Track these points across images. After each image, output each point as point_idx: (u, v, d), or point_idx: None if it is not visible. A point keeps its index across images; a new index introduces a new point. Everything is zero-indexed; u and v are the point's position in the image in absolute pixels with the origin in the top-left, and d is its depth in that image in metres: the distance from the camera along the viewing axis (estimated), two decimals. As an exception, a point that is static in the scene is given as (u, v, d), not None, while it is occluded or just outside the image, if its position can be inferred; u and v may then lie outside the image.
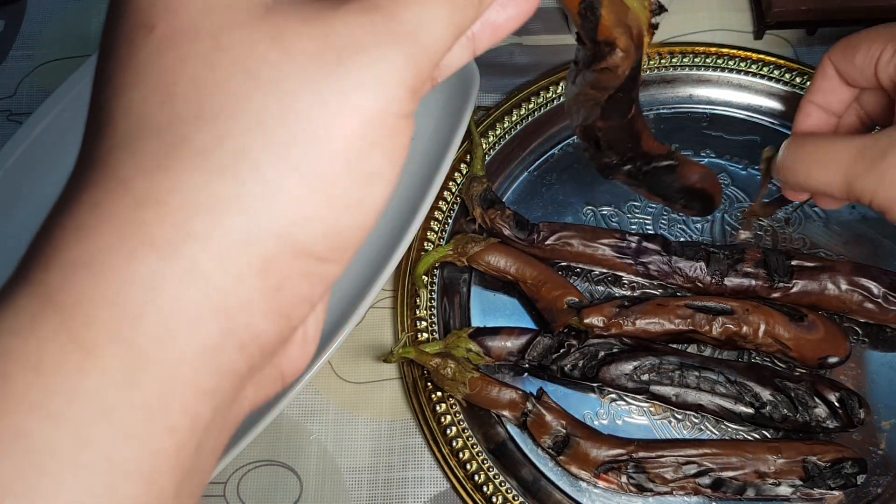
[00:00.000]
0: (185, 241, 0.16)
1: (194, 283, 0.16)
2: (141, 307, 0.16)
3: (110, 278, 0.16)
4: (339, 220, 0.18)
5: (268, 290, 0.17)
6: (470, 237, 0.49)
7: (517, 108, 0.55)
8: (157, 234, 0.16)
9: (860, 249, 0.50)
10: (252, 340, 0.18)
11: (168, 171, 0.17)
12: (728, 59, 0.55)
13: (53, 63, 0.62)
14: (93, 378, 0.16)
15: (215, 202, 0.16)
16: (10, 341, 0.16)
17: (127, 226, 0.16)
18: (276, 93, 0.17)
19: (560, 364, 0.46)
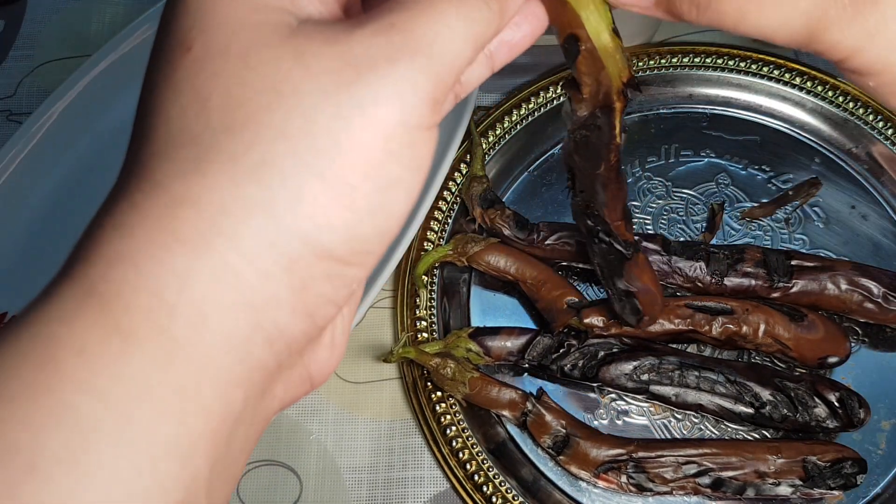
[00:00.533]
0: (216, 238, 0.18)
1: (224, 278, 0.18)
2: (175, 297, 0.17)
3: (147, 271, 0.18)
4: (360, 225, 0.19)
5: (293, 289, 0.19)
6: (470, 237, 0.49)
7: (517, 108, 0.55)
8: (190, 231, 0.18)
9: (860, 249, 0.50)
10: (279, 336, 0.19)
11: (200, 175, 0.18)
12: (728, 59, 0.55)
13: (53, 63, 0.62)
14: (133, 360, 0.17)
15: (243, 204, 0.18)
16: (56, 328, 0.17)
17: (161, 223, 0.18)
18: (298, 107, 0.18)
19: (560, 364, 0.46)
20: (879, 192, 0.52)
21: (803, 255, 0.47)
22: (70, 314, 0.17)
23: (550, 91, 0.55)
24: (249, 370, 0.19)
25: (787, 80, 0.54)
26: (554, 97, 0.55)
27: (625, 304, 0.42)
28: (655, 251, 0.47)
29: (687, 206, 0.52)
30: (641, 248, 0.40)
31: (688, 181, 0.53)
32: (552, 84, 0.55)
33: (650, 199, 0.53)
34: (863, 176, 0.52)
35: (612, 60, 0.26)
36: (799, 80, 0.54)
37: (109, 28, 0.64)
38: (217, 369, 0.18)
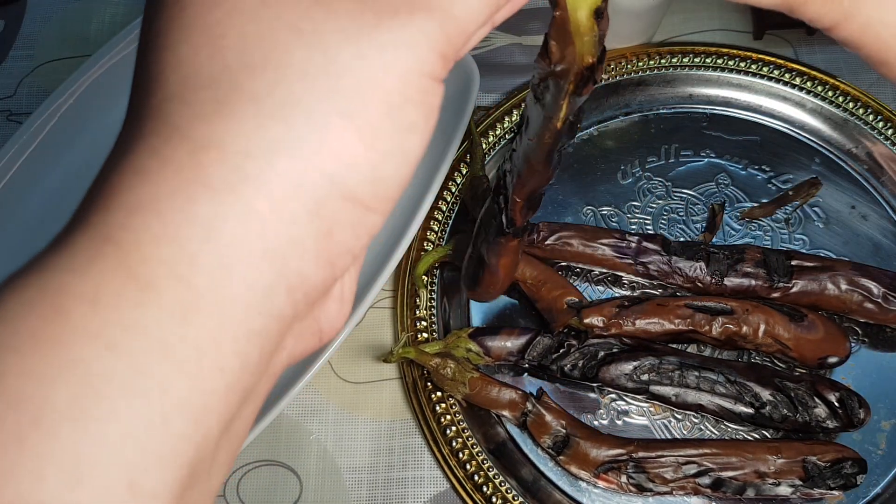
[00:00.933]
0: (243, 183, 0.17)
1: (250, 225, 0.17)
2: (198, 246, 0.17)
3: (170, 219, 0.17)
4: (382, 166, 0.19)
5: (318, 235, 0.18)
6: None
7: (517, 108, 0.55)
8: (216, 176, 0.17)
9: (860, 249, 0.50)
10: (300, 285, 0.18)
11: (223, 118, 0.17)
12: (728, 59, 0.55)
13: (53, 63, 0.62)
14: (149, 312, 0.16)
15: (270, 146, 0.17)
16: (67, 277, 0.16)
17: (185, 169, 0.17)
18: (319, 45, 0.18)
19: (560, 364, 0.46)
20: (879, 192, 0.52)
21: (803, 255, 0.47)
22: (84, 263, 0.16)
23: (550, 91, 0.55)
24: (268, 322, 0.18)
25: (787, 80, 0.54)
26: (554, 97, 0.55)
27: (471, 267, 0.42)
28: (655, 251, 0.47)
29: (687, 206, 0.52)
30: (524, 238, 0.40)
31: (688, 181, 0.53)
32: (552, 84, 0.55)
33: (650, 199, 0.53)
34: (863, 176, 0.52)
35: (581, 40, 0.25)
36: (799, 80, 0.54)
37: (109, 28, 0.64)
38: (237, 322, 0.17)
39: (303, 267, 0.18)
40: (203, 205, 0.17)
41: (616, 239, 0.48)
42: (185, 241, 0.17)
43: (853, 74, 0.56)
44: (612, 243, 0.48)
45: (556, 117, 0.29)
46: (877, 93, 0.55)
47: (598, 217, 0.52)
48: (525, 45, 0.59)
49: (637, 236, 0.48)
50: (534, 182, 0.35)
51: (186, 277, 0.17)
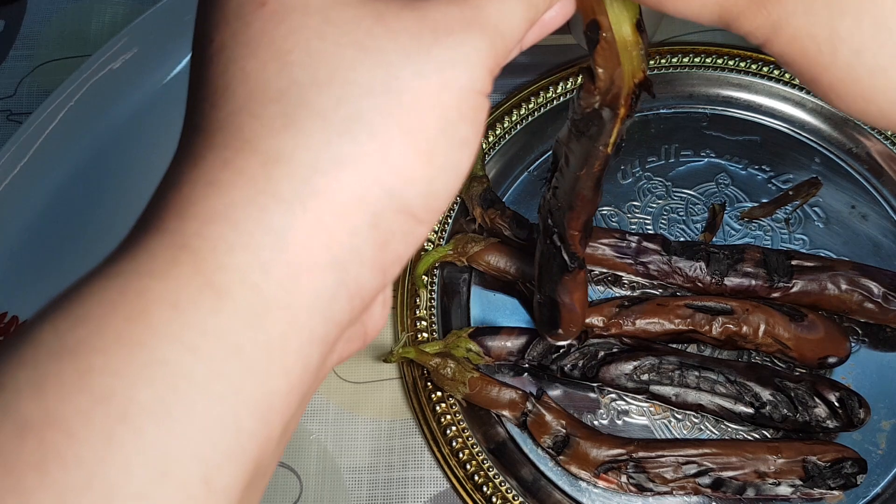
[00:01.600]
0: (312, 196, 0.18)
1: (317, 235, 0.18)
2: (270, 255, 0.18)
3: (244, 228, 0.18)
4: (435, 180, 0.20)
5: (376, 245, 0.19)
6: (470, 237, 0.49)
7: (517, 108, 0.55)
8: (287, 189, 0.18)
9: (860, 249, 0.50)
10: (358, 293, 0.19)
11: (292, 132, 0.18)
12: (728, 59, 0.55)
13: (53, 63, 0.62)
14: (224, 317, 0.17)
15: (336, 161, 0.18)
16: (149, 282, 0.17)
17: (257, 181, 0.18)
18: (382, 64, 0.19)
19: (560, 364, 0.46)
20: (879, 192, 0.52)
21: (803, 255, 0.47)
22: (162, 269, 0.17)
23: (550, 91, 0.55)
24: (329, 328, 0.19)
25: (787, 80, 0.54)
26: (554, 97, 0.55)
27: (545, 311, 0.42)
28: (655, 251, 0.47)
29: (687, 206, 0.52)
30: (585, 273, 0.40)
31: (688, 181, 0.53)
32: (552, 84, 0.55)
33: (650, 199, 0.53)
34: (863, 176, 0.52)
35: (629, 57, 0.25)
36: (799, 80, 0.54)
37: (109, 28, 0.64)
38: (301, 328, 0.18)
39: (361, 275, 0.19)
40: (275, 215, 0.18)
41: (616, 239, 0.48)
42: (258, 250, 0.18)
43: (853, 74, 0.55)
44: (612, 243, 0.48)
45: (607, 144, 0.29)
46: (877, 93, 0.54)
47: (598, 217, 0.52)
48: (525, 45, 0.59)
49: (637, 236, 0.48)
50: (587, 211, 0.35)
51: (258, 284, 0.18)
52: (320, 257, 0.18)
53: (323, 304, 0.18)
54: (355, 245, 0.19)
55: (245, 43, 0.19)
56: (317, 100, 0.18)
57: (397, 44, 0.19)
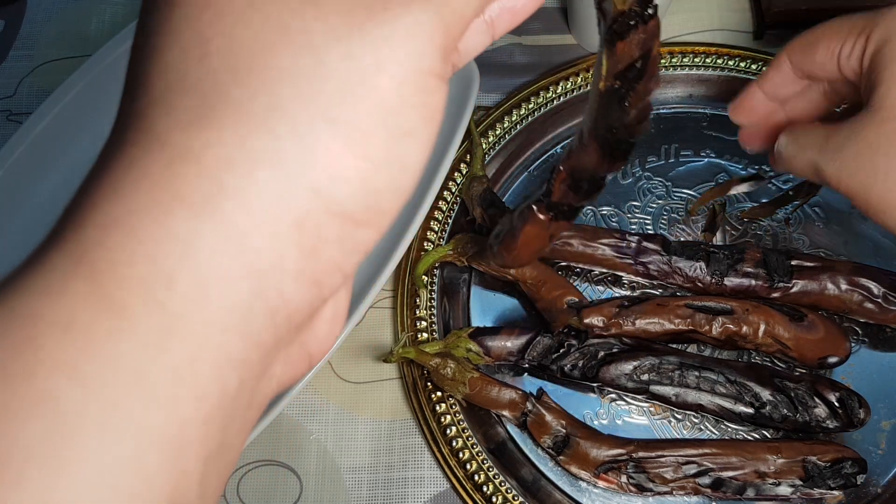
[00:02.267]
0: (221, 196, 0.16)
1: (229, 241, 0.16)
2: (175, 265, 0.16)
3: (145, 236, 0.16)
4: (374, 177, 0.17)
5: (302, 251, 0.17)
6: (470, 237, 0.49)
7: (517, 108, 0.55)
8: (193, 190, 0.16)
9: (860, 249, 0.50)
10: (282, 307, 0.17)
11: (203, 126, 0.16)
12: (728, 59, 0.55)
13: (53, 63, 0.62)
14: (123, 340, 0.15)
15: (250, 157, 0.16)
16: (40, 301, 0.15)
17: (162, 182, 0.16)
18: (307, 47, 0.17)
19: (560, 364, 0.46)
20: (879, 192, 0.52)
21: (803, 255, 0.47)
22: (56, 286, 0.15)
23: (550, 91, 0.55)
24: (248, 348, 0.17)
25: (787, 80, 0.54)
26: (554, 97, 0.55)
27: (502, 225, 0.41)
28: (655, 251, 0.47)
29: (687, 206, 0.52)
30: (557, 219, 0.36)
31: (688, 181, 0.53)
32: (552, 84, 0.55)
33: (650, 199, 0.53)
34: (863, 176, 0.52)
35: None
36: (799, 80, 0.54)
37: (109, 28, 0.64)
38: (214, 348, 0.16)
39: (285, 286, 0.17)
40: (180, 219, 0.16)
41: (616, 239, 0.48)
42: (162, 260, 0.16)
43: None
44: (612, 243, 0.48)
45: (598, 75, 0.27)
46: (877, 93, 0.54)
47: (598, 217, 0.52)
48: (525, 45, 0.59)
49: (637, 236, 0.48)
50: (580, 157, 0.32)
51: (162, 299, 0.16)
52: (232, 265, 0.16)
53: (239, 320, 0.16)
54: (275, 251, 0.17)
55: (168, 30, 0.17)
56: (233, 90, 0.17)
57: (325, 24, 0.17)
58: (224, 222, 0.16)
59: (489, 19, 0.22)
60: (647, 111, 0.29)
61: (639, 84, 0.27)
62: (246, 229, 0.16)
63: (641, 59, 0.26)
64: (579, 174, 0.33)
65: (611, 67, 0.26)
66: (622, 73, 0.26)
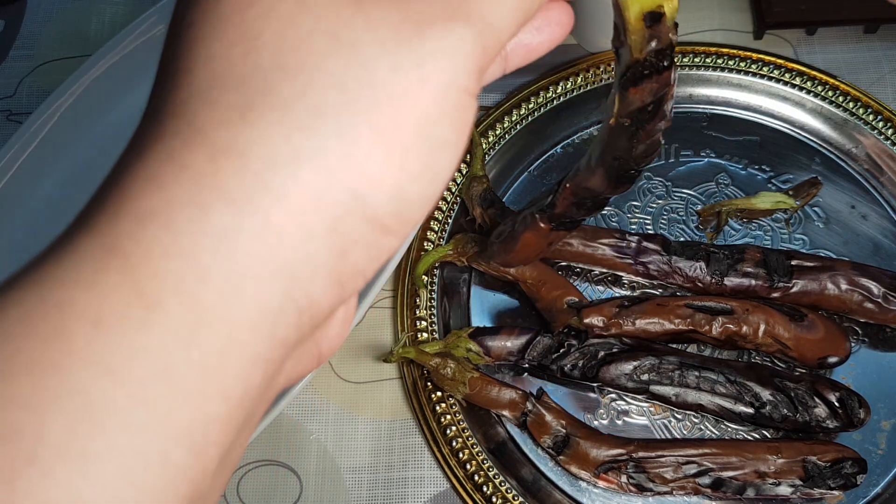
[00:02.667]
0: (262, 194, 0.16)
1: (266, 239, 0.16)
2: (211, 260, 0.16)
3: (182, 230, 0.16)
4: (408, 186, 0.18)
5: (333, 253, 0.17)
6: (470, 237, 0.49)
7: (517, 108, 0.55)
8: (234, 185, 0.16)
9: (860, 249, 0.50)
10: (308, 308, 0.17)
11: (248, 123, 0.16)
12: (728, 59, 0.55)
13: (53, 63, 0.62)
14: (154, 334, 0.15)
15: (295, 155, 0.16)
16: (69, 292, 0.15)
17: (202, 176, 0.16)
18: (357, 55, 0.17)
19: (560, 364, 0.46)
20: (879, 192, 0.52)
21: (803, 255, 0.47)
22: (87, 277, 0.15)
23: (550, 91, 0.55)
24: (273, 347, 0.17)
25: (787, 80, 0.54)
26: (554, 97, 0.55)
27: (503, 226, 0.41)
28: (655, 251, 0.47)
29: (687, 206, 0.52)
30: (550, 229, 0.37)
31: (688, 181, 0.53)
32: (552, 84, 0.55)
33: (650, 199, 0.53)
34: (863, 176, 0.52)
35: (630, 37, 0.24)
36: (799, 80, 0.54)
37: (109, 28, 0.64)
38: (243, 346, 0.16)
39: (314, 288, 0.17)
40: (219, 215, 0.16)
41: (616, 239, 0.48)
42: (198, 255, 0.16)
43: (853, 74, 0.56)
44: (612, 243, 0.48)
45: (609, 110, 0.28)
46: (877, 93, 0.55)
47: (598, 217, 0.52)
48: (525, 45, 0.59)
49: (637, 236, 0.48)
50: (587, 178, 0.32)
51: (196, 295, 0.16)
52: (267, 264, 0.16)
53: (269, 318, 0.16)
54: (310, 252, 0.17)
55: (214, 22, 0.17)
56: (281, 89, 0.17)
57: (375, 35, 0.17)
58: (263, 220, 0.16)
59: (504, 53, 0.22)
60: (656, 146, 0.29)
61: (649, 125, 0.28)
62: (284, 228, 0.16)
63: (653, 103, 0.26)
64: (584, 193, 0.33)
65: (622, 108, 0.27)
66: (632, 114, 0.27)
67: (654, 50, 0.24)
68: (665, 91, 0.26)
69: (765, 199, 0.50)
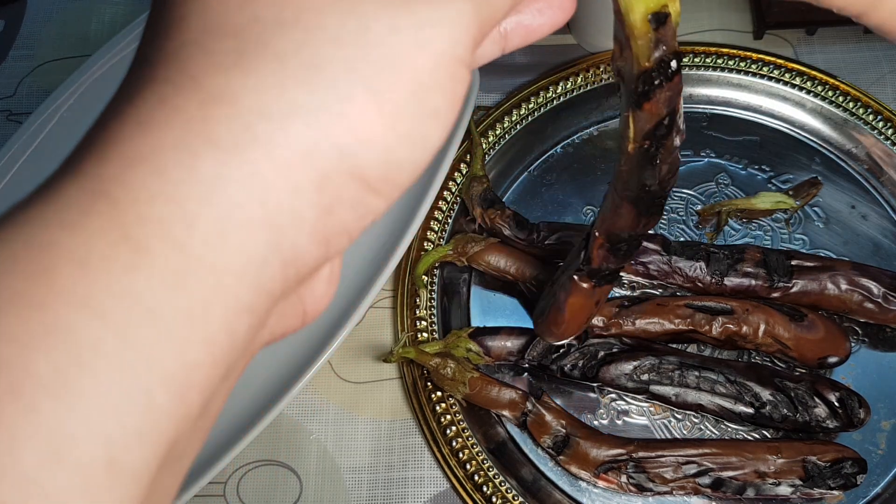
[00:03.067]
0: (252, 143, 0.16)
1: (253, 189, 0.16)
2: (198, 207, 0.16)
3: (170, 175, 0.16)
4: (397, 149, 0.18)
5: (319, 209, 0.17)
6: (470, 237, 0.49)
7: (517, 108, 0.55)
8: (224, 133, 0.16)
9: (860, 249, 0.50)
10: (293, 261, 0.17)
11: (243, 71, 0.16)
12: (728, 59, 0.55)
13: (53, 63, 0.62)
14: (141, 278, 0.15)
15: (286, 107, 0.16)
16: (56, 234, 0.15)
17: (193, 122, 0.16)
18: (355, 12, 0.17)
19: (560, 364, 0.46)
20: (879, 192, 0.52)
21: (803, 255, 0.47)
22: (74, 219, 0.15)
23: (550, 91, 0.55)
24: (258, 298, 0.17)
25: (787, 80, 0.54)
26: (554, 97, 0.55)
27: (544, 300, 0.40)
28: (655, 251, 0.47)
29: (687, 206, 0.52)
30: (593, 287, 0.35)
31: (688, 181, 0.53)
32: (552, 84, 0.55)
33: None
34: (863, 176, 0.52)
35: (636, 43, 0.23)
36: (799, 80, 0.54)
37: (109, 28, 0.64)
38: (228, 294, 0.16)
39: (299, 241, 0.17)
40: (208, 162, 0.16)
41: (616, 239, 0.48)
42: (185, 201, 0.16)
43: (853, 74, 0.56)
44: (612, 243, 0.48)
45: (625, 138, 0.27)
46: (877, 93, 0.55)
47: (598, 217, 0.52)
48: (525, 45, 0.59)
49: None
50: (615, 220, 0.31)
51: (182, 241, 0.16)
52: (253, 214, 0.16)
53: (253, 267, 0.16)
54: (295, 206, 0.17)
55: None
56: (277, 41, 0.17)
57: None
58: (250, 170, 0.16)
59: (503, 31, 0.22)
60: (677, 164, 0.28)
61: (667, 140, 0.26)
62: (271, 180, 0.16)
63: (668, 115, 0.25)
64: (616, 237, 0.32)
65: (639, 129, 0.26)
66: (651, 132, 0.26)
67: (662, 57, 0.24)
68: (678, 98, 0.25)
69: (765, 199, 0.50)
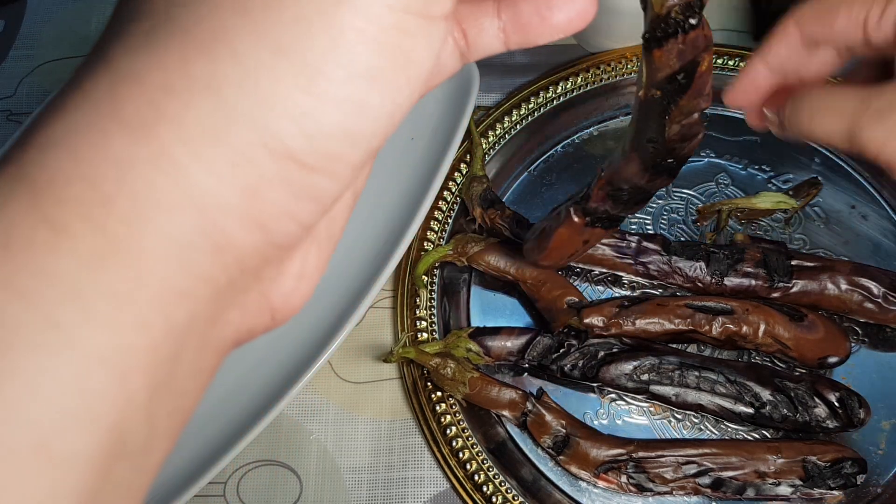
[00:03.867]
0: (157, 121, 0.16)
1: (165, 168, 0.16)
2: (112, 187, 0.15)
3: (82, 156, 0.16)
4: (323, 116, 0.16)
5: (242, 191, 0.16)
6: (470, 237, 0.49)
7: (517, 107, 0.55)
8: (130, 112, 0.16)
9: (860, 249, 0.50)
10: (228, 247, 0.17)
11: (149, 49, 0.16)
12: (728, 59, 0.55)
13: (53, 63, 0.62)
14: (62, 258, 0.15)
15: (190, 82, 0.16)
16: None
17: (102, 103, 0.16)
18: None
19: (560, 364, 0.46)
20: (879, 192, 0.52)
21: (803, 255, 0.47)
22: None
23: (550, 91, 0.55)
24: (194, 281, 0.16)
25: (787, 80, 0.54)
26: (554, 97, 0.55)
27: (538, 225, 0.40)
28: (655, 251, 0.47)
29: (687, 206, 0.52)
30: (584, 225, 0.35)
31: (688, 181, 0.53)
32: (552, 84, 0.55)
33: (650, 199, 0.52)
34: (863, 176, 0.52)
35: None
36: (799, 80, 0.54)
37: (109, 28, 0.64)
38: (156, 276, 0.16)
39: (228, 227, 0.16)
40: (118, 142, 0.16)
41: (616, 239, 0.48)
42: (99, 182, 0.15)
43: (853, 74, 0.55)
44: (612, 243, 0.48)
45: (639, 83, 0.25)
46: (877, 93, 0.54)
47: (598, 217, 0.52)
48: (525, 45, 0.59)
49: (637, 236, 0.48)
50: (620, 166, 0.30)
51: (101, 221, 0.15)
52: (170, 194, 0.16)
53: (178, 250, 0.16)
54: (214, 187, 0.16)
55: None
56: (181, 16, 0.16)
57: None
58: (160, 149, 0.16)
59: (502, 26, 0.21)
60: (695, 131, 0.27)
61: (681, 98, 0.25)
62: (182, 159, 0.16)
63: (684, 71, 0.24)
64: (619, 183, 0.31)
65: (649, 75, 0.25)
66: (661, 83, 0.25)
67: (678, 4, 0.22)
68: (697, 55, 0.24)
69: (765, 199, 0.50)
